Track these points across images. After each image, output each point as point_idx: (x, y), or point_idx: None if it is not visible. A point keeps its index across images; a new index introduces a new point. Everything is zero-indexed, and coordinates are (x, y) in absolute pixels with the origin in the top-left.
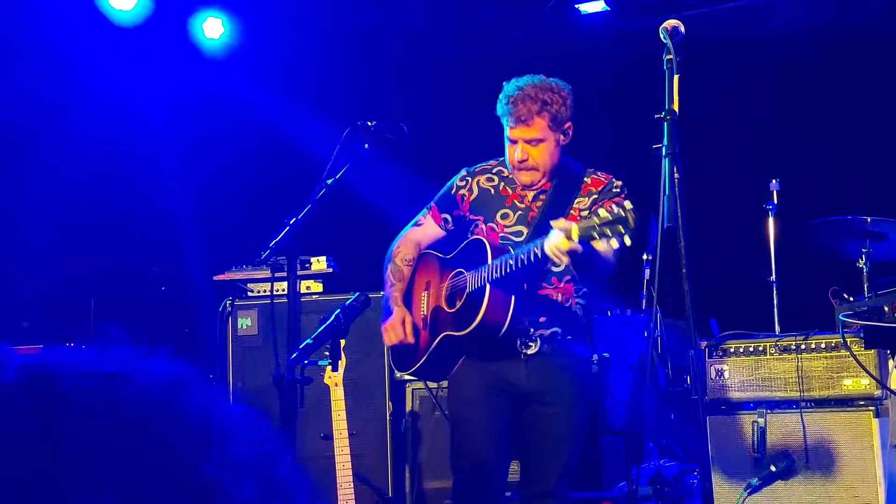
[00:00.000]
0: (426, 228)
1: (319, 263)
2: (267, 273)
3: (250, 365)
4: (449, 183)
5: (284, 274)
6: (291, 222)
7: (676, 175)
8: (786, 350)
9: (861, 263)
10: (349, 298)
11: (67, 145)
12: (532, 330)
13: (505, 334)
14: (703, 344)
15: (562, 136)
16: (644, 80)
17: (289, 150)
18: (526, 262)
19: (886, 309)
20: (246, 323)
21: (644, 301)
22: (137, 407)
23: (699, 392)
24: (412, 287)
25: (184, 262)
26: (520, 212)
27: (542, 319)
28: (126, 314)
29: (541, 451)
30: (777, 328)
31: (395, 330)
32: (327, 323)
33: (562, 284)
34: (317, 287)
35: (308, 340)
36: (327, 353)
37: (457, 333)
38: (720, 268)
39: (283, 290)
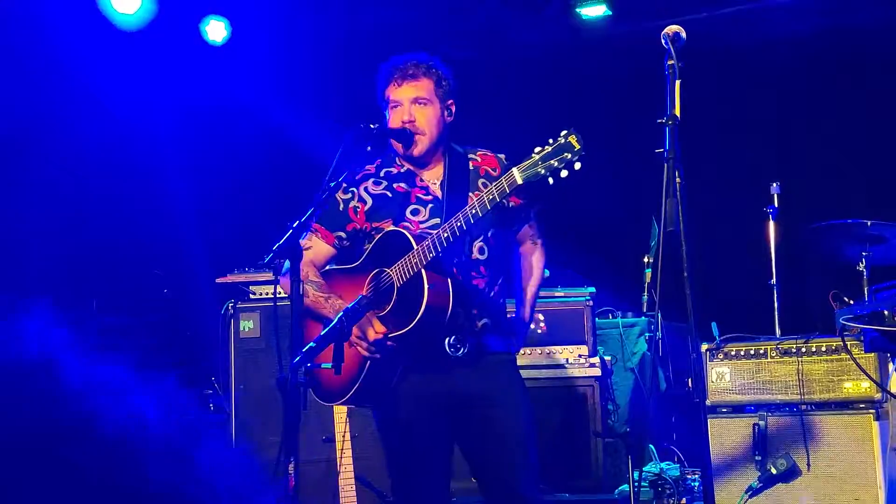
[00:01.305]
0: (316, 250)
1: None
2: (269, 276)
3: (252, 367)
4: (324, 200)
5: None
6: (294, 225)
7: (678, 179)
8: (786, 353)
9: (861, 267)
10: (352, 302)
11: (72, 148)
12: (467, 324)
13: (449, 321)
14: (705, 347)
15: (446, 112)
16: (645, 84)
17: (292, 153)
18: (458, 233)
19: (887, 313)
20: (248, 325)
21: (645, 304)
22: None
23: (700, 395)
24: (301, 314)
25: (186, 265)
26: (430, 204)
27: (474, 311)
28: (128, 316)
29: (500, 457)
30: (778, 331)
31: (369, 329)
32: (330, 326)
33: (487, 274)
34: None
35: (311, 344)
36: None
37: (400, 332)
38: (721, 271)
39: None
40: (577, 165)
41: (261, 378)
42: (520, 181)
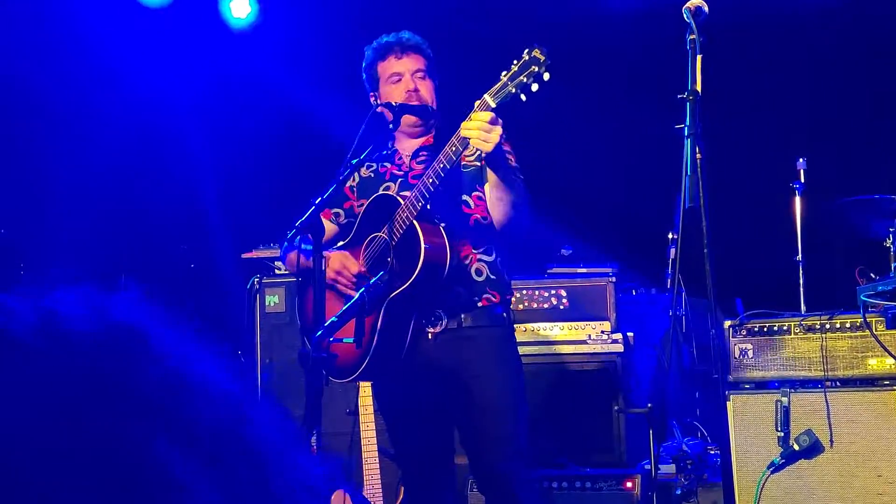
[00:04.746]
0: None
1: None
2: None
3: (278, 342)
4: (336, 180)
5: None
6: (317, 202)
7: (699, 155)
8: (810, 329)
9: (888, 243)
10: (374, 278)
11: (98, 125)
12: (464, 280)
13: (448, 274)
14: (728, 323)
15: (435, 84)
16: (667, 59)
17: (316, 130)
18: (443, 174)
19: None
20: (273, 300)
21: (669, 280)
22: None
23: (722, 371)
24: (324, 290)
25: (212, 241)
26: (400, 179)
27: (468, 266)
28: (155, 291)
29: (479, 429)
30: (803, 307)
31: (338, 260)
32: (352, 301)
33: (479, 229)
34: None
35: (333, 319)
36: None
37: (402, 287)
38: (747, 247)
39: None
40: (546, 76)
41: (286, 352)
42: (493, 104)
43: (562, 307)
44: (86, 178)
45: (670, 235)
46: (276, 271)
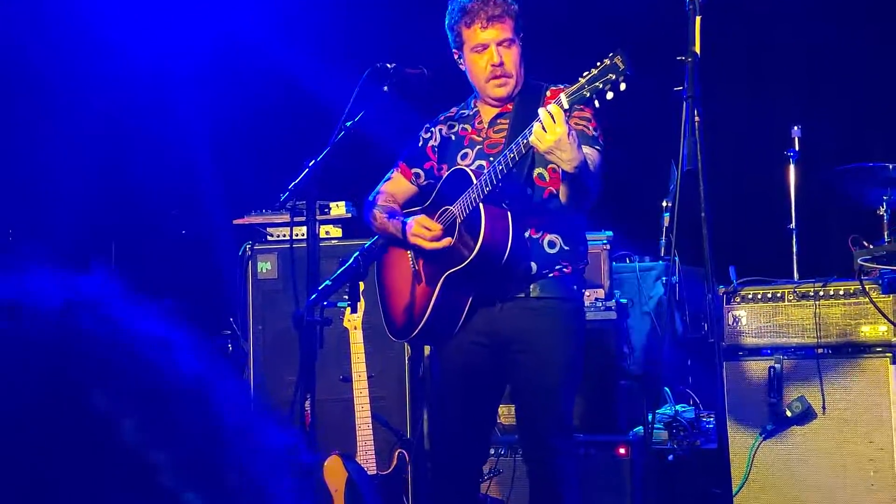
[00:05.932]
0: (396, 184)
1: (339, 208)
2: (286, 217)
3: (270, 308)
4: (414, 139)
5: (303, 218)
6: (310, 164)
7: (697, 118)
8: (804, 297)
9: (882, 211)
10: (368, 242)
11: (88, 90)
12: (524, 262)
13: (507, 259)
14: (722, 290)
15: (520, 46)
16: (665, 20)
17: (308, 93)
18: (511, 164)
19: None
20: (266, 267)
21: (663, 248)
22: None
23: (716, 338)
24: (390, 256)
25: (203, 206)
26: (478, 146)
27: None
28: (146, 257)
29: (530, 403)
30: (796, 275)
31: (422, 226)
32: (346, 265)
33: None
34: (336, 232)
35: (327, 282)
36: (346, 297)
37: (460, 266)
38: (740, 215)
39: (303, 235)
40: (623, 86)
41: (279, 319)
42: (566, 106)
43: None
44: (75, 145)
45: (664, 203)
46: (269, 237)
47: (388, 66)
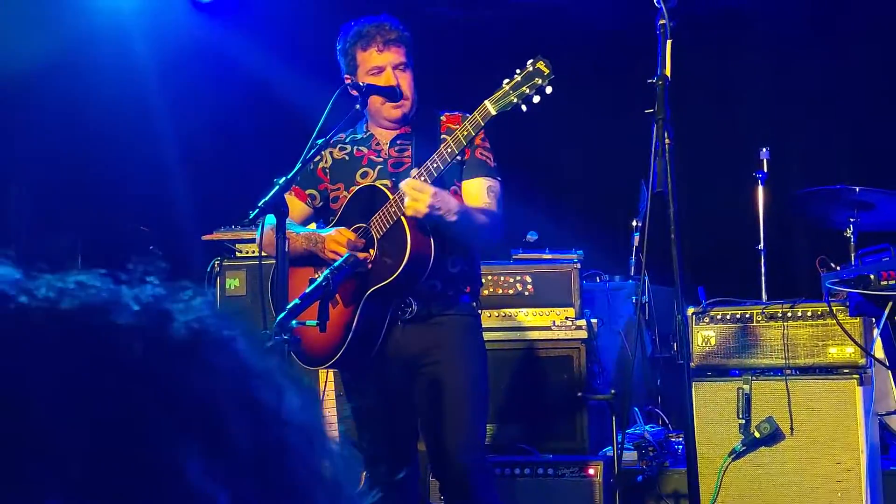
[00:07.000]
0: (291, 206)
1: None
2: (255, 234)
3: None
4: (302, 160)
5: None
6: (280, 182)
7: (667, 140)
8: (772, 318)
9: (848, 233)
10: (338, 260)
11: (58, 102)
12: (442, 276)
13: (431, 270)
14: (691, 310)
15: (413, 72)
16: (636, 44)
17: (280, 109)
18: (436, 174)
19: (873, 277)
20: (234, 283)
21: (633, 267)
22: None
23: (685, 358)
24: (293, 279)
25: (173, 222)
26: (379, 166)
27: (450, 261)
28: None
29: (438, 419)
30: (764, 296)
31: (339, 237)
32: (316, 283)
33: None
34: None
35: (296, 301)
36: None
37: (387, 281)
38: (709, 235)
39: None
40: (549, 90)
41: None
42: (493, 112)
43: (527, 293)
44: (42, 159)
45: (634, 223)
46: (237, 254)
47: (361, 83)
